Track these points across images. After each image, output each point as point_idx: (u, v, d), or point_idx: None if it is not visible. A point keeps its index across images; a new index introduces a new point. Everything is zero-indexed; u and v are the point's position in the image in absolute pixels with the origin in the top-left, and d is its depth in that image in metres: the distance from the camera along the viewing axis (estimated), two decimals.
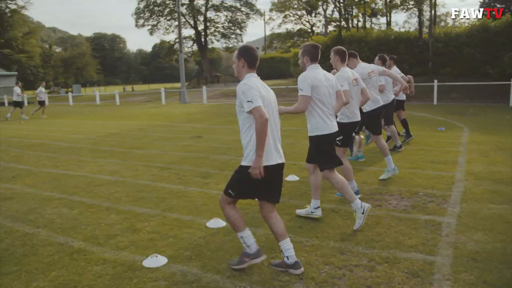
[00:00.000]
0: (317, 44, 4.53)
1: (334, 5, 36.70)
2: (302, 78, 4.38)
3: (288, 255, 3.53)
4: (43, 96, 21.74)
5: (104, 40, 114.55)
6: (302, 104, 4.37)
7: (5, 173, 7.85)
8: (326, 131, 4.48)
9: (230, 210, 3.63)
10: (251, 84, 3.39)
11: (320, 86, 4.37)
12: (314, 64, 4.49)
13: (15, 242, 4.45)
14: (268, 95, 3.53)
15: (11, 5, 57.41)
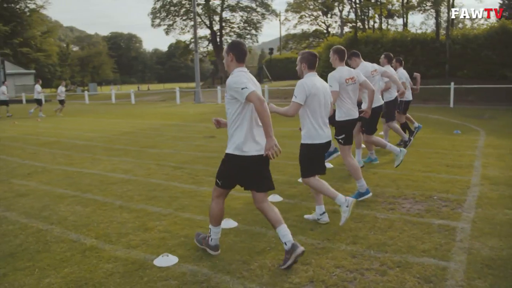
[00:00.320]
0: (315, 53, 4.59)
1: (350, 6, 36.56)
2: (300, 86, 4.41)
3: (286, 240, 3.60)
4: (63, 95, 22.06)
5: (120, 40, 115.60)
6: (292, 110, 4.42)
7: (21, 170, 7.96)
8: (317, 141, 4.52)
9: (216, 203, 3.85)
10: (241, 76, 3.52)
11: (317, 94, 4.41)
12: (312, 71, 4.53)
13: (29, 238, 4.50)
14: (257, 88, 3.58)
15: (30, 4, 58.37)
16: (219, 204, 3.85)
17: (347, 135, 5.46)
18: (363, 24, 36.08)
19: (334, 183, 6.19)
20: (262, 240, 4.21)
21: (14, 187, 6.73)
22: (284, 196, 5.71)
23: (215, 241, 3.92)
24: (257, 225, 4.66)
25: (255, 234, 4.39)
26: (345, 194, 5.64)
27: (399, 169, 7.03)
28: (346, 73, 5.36)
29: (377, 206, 5.19)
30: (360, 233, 4.34)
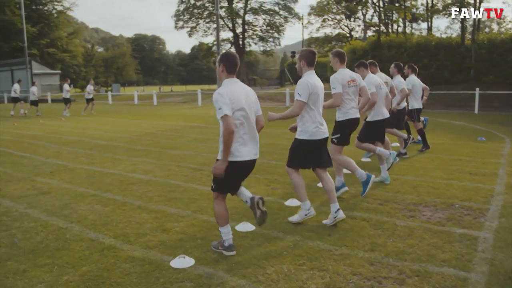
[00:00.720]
0: (313, 50, 4.75)
1: (374, 9, 36.23)
2: (303, 84, 4.51)
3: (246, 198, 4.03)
4: (92, 94, 22.44)
5: (144, 41, 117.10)
6: (298, 109, 4.52)
7: (44, 168, 8.10)
8: (313, 137, 4.64)
9: (218, 204, 4.03)
10: (222, 93, 3.67)
11: (317, 93, 4.55)
12: (311, 69, 4.67)
13: (49, 236, 4.57)
14: (247, 98, 3.82)
15: (57, 6, 59.59)
16: (220, 204, 4.04)
17: (342, 135, 5.58)
18: (387, 28, 35.72)
19: (352, 191, 6.11)
20: (279, 245, 4.19)
21: (37, 185, 6.85)
22: None
23: (228, 242, 3.99)
24: (275, 229, 4.64)
25: (272, 239, 4.36)
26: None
27: (420, 176, 6.93)
28: (348, 75, 5.45)
29: (397, 213, 5.11)
30: (378, 240, 4.28)
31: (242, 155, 3.82)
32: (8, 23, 51.96)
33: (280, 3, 53.37)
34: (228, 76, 3.85)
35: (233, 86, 3.79)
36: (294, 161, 4.78)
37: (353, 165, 5.57)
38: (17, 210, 5.52)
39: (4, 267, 3.85)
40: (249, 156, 3.87)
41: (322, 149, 4.78)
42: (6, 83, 50.54)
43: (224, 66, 3.83)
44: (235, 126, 3.69)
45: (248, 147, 3.86)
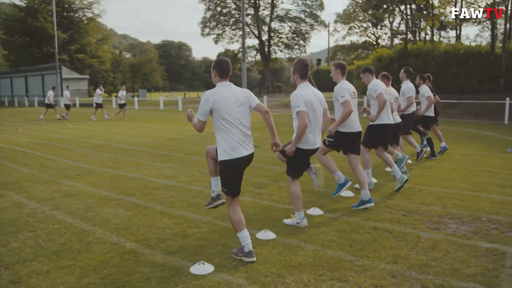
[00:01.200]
0: (306, 63, 4.90)
1: (401, 17, 35.89)
2: (295, 97, 4.70)
3: (244, 243, 4.03)
4: (124, 99, 22.83)
5: (171, 48, 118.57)
6: (303, 119, 4.61)
7: (70, 171, 8.25)
8: (306, 147, 4.81)
9: (232, 212, 4.12)
10: (208, 96, 3.99)
11: (312, 102, 4.73)
12: (304, 81, 4.84)
13: (73, 238, 4.64)
14: (237, 99, 4.05)
15: (88, 13, 60.98)
16: (234, 211, 4.13)
17: (335, 142, 5.72)
18: (414, 36, 35.31)
19: (378, 201, 6.02)
20: (299, 254, 4.15)
21: (63, 187, 6.98)
22: (326, 210, 5.61)
23: (248, 247, 4.02)
24: (295, 238, 4.60)
25: (293, 247, 4.33)
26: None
27: (446, 187, 6.78)
28: (350, 87, 5.62)
29: (421, 225, 5.00)
30: (401, 252, 4.19)
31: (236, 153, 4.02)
32: (40, 30, 53.45)
33: (306, 11, 53.42)
34: (220, 80, 4.12)
35: (223, 88, 4.06)
36: (293, 171, 4.94)
37: (333, 167, 5.64)
38: (43, 211, 5.63)
39: (28, 267, 3.92)
40: (241, 154, 4.05)
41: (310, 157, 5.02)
42: (37, 88, 52.01)
43: (217, 71, 4.12)
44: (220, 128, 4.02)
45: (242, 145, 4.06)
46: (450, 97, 24.10)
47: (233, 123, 4.00)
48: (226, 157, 4.00)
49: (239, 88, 4.20)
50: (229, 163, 4.02)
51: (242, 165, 4.12)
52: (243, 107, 4.11)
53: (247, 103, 4.15)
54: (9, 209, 5.78)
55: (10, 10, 59.30)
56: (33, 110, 35.84)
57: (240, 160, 4.05)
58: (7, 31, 57.72)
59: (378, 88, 6.36)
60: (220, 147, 4.04)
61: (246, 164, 4.17)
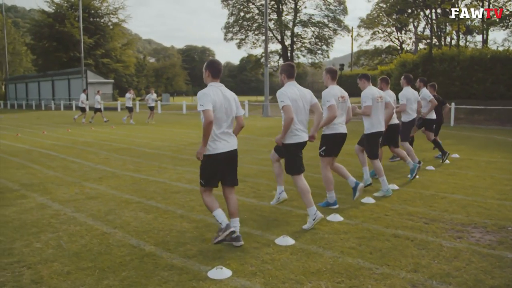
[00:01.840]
0: (292, 64, 5.22)
1: (426, 22, 35.40)
2: (280, 93, 4.99)
3: (235, 229, 4.41)
4: (153, 103, 23.14)
5: (194, 52, 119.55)
6: (289, 113, 4.86)
7: (93, 174, 8.38)
8: (295, 141, 5.07)
9: (206, 196, 4.54)
10: (206, 92, 4.27)
11: (296, 100, 4.99)
12: (291, 80, 5.14)
13: (93, 240, 4.70)
14: (226, 99, 4.36)
15: (113, 18, 62.08)
16: (208, 196, 4.55)
17: (328, 147, 5.90)
18: (439, 41, 34.79)
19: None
20: (318, 261, 4.10)
21: (85, 189, 7.09)
22: (345, 216, 5.55)
23: (224, 223, 4.39)
24: (315, 244, 4.56)
25: (312, 254, 4.28)
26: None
27: (470, 195, 6.64)
28: (338, 92, 5.81)
29: (444, 234, 4.89)
30: (422, 260, 4.10)
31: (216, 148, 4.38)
32: (67, 35, 54.62)
33: (329, 16, 53.18)
34: (213, 80, 4.41)
35: (215, 88, 4.34)
36: (291, 167, 5.16)
37: (330, 186, 5.95)
38: (65, 213, 5.72)
39: (50, 267, 3.98)
40: (223, 148, 4.39)
41: (301, 152, 5.20)
42: (63, 91, 53.11)
43: (209, 72, 4.41)
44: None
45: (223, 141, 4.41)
46: (476, 103, 23.63)
47: (219, 121, 4.32)
48: (208, 152, 4.36)
49: (228, 90, 4.52)
50: (210, 157, 4.37)
51: (222, 159, 4.41)
52: (229, 108, 4.42)
53: (233, 105, 4.48)
54: (33, 210, 5.90)
55: (39, 16, 60.85)
56: (59, 113, 36.62)
57: (221, 155, 4.37)
58: (36, 36, 59.19)
59: (367, 100, 6.62)
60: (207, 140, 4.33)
61: (227, 159, 4.45)
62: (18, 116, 32.86)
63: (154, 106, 23.18)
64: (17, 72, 73.18)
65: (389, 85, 7.86)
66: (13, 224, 5.29)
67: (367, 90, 6.71)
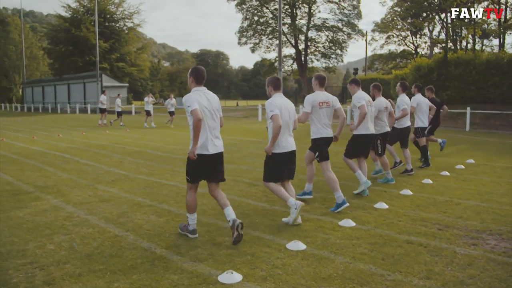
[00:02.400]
0: (279, 77, 5.59)
1: (441, 25, 35.09)
2: (269, 103, 5.31)
3: (230, 218, 4.66)
4: (173, 108, 23.32)
5: (208, 57, 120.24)
6: (276, 121, 5.16)
7: (106, 177, 8.44)
8: (281, 150, 5.35)
9: (190, 196, 4.88)
10: (190, 95, 4.62)
11: (282, 110, 5.28)
12: (278, 92, 5.46)
13: (105, 243, 4.73)
14: (210, 103, 4.70)
15: (128, 23, 62.74)
16: (192, 195, 4.88)
17: (320, 152, 6.14)
18: (455, 45, 34.46)
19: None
20: (329, 266, 4.07)
21: (98, 192, 7.14)
22: (358, 221, 5.50)
23: (192, 226, 4.84)
24: (326, 249, 4.52)
25: (323, 259, 4.25)
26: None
27: (485, 201, 6.53)
28: (322, 97, 6.06)
29: (458, 240, 4.82)
30: (435, 267, 4.04)
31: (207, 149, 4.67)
32: (83, 39, 55.34)
33: (343, 20, 52.97)
34: (196, 85, 4.75)
35: (198, 93, 4.68)
36: (269, 175, 5.46)
37: (336, 186, 6.05)
38: (78, 215, 5.77)
39: (62, 269, 4.01)
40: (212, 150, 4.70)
41: (291, 161, 5.50)
42: (79, 95, 53.75)
43: (193, 78, 4.75)
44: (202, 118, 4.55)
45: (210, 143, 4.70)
46: (491, 107, 23.31)
47: (206, 124, 4.64)
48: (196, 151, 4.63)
49: (212, 93, 4.86)
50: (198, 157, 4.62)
51: (209, 160, 4.70)
52: (213, 110, 4.75)
53: (217, 107, 4.82)
54: (47, 212, 5.95)
55: (55, 21, 61.77)
56: (75, 116, 37.02)
57: (209, 156, 4.68)
58: (52, 40, 60.07)
59: (361, 100, 6.80)
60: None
61: (214, 159, 4.75)
62: (35, 119, 33.31)
63: (174, 111, 23.35)
64: (34, 76, 74.40)
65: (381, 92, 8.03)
66: (27, 225, 5.35)
67: (357, 93, 6.94)
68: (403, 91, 8.71)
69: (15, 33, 71.73)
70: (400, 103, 8.64)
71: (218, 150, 4.78)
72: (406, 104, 8.62)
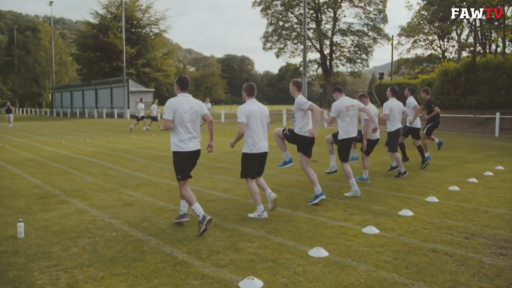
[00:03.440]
0: (253, 84, 6.16)
1: (470, 29, 34.38)
2: (240, 110, 5.90)
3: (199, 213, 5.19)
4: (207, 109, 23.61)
5: (233, 62, 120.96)
6: (241, 128, 5.87)
7: (131, 181, 8.54)
8: (253, 151, 5.99)
9: (185, 190, 5.39)
10: (172, 102, 5.32)
11: (254, 115, 5.88)
12: (251, 98, 6.03)
13: (128, 247, 4.77)
14: (190, 108, 5.35)
15: (154, 29, 63.63)
16: (186, 189, 5.40)
17: (299, 146, 6.78)
18: (484, 49, 33.70)
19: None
20: (351, 274, 4.01)
21: (123, 196, 7.24)
22: (381, 229, 5.41)
23: (201, 215, 5.16)
24: (349, 257, 4.46)
25: (345, 267, 4.19)
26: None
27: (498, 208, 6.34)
28: (303, 102, 6.57)
29: (485, 250, 4.68)
30: (461, 278, 3.93)
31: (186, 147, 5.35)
32: (110, 45, 56.39)
33: (369, 24, 52.52)
34: (181, 92, 5.44)
35: (181, 98, 5.37)
36: (245, 172, 6.12)
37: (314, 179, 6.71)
38: (102, 219, 5.85)
39: (85, 272, 4.07)
40: (188, 149, 5.36)
41: (262, 162, 6.14)
42: (106, 100, 54.71)
43: (178, 85, 5.45)
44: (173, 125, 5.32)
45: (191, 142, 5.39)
46: None
47: (186, 125, 5.30)
48: (176, 149, 5.37)
49: (195, 99, 5.52)
50: (178, 154, 5.36)
51: (188, 156, 5.38)
52: (195, 114, 5.40)
53: (199, 112, 5.44)
54: (72, 215, 6.06)
55: (84, 27, 63.16)
56: (101, 121, 37.70)
57: (187, 153, 5.34)
58: (81, 47, 61.42)
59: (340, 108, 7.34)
60: (172, 141, 5.40)
61: (192, 156, 5.45)
62: (63, 124, 34.07)
63: None
64: (63, 81, 76.22)
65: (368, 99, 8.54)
66: (53, 228, 5.46)
67: (337, 101, 7.44)
68: (392, 95, 9.17)
69: (46, 40, 73.83)
70: (384, 107, 9.17)
71: (195, 148, 5.46)
72: (388, 108, 9.05)
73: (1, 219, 5.91)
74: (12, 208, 6.51)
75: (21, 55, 75.17)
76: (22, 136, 21.07)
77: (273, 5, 52.68)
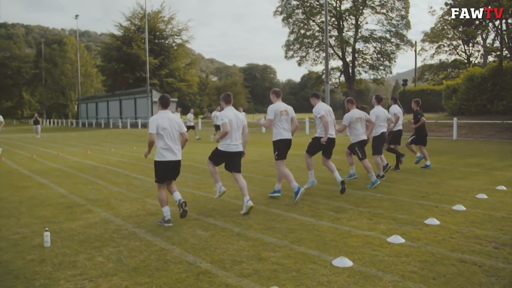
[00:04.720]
0: (230, 94, 7.15)
1: (496, 33, 33.72)
2: (221, 115, 6.78)
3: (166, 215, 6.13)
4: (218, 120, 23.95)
5: (256, 70, 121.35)
6: (225, 128, 6.65)
7: (155, 191, 8.57)
8: (228, 150, 6.83)
9: (161, 193, 6.20)
10: (155, 118, 6.11)
11: (231, 120, 6.73)
12: (229, 105, 6.95)
13: (151, 256, 4.80)
14: (171, 122, 6.14)
15: (177, 39, 64.38)
16: (162, 192, 6.21)
17: (279, 152, 7.59)
18: (510, 53, 32.97)
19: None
20: (377, 285, 3.93)
21: (146, 205, 7.30)
22: (407, 238, 5.30)
23: (167, 217, 6.08)
24: (374, 267, 4.38)
25: (370, 277, 4.11)
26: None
27: None
28: (282, 107, 7.51)
29: None
30: None
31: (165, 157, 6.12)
32: (134, 56, 57.26)
33: (391, 30, 52.04)
34: (161, 109, 6.22)
35: (162, 115, 6.12)
36: (214, 159, 7.06)
37: (290, 178, 7.47)
38: (126, 228, 5.90)
39: (109, 281, 4.10)
40: (170, 158, 6.13)
41: (234, 159, 6.92)
42: (130, 110, 55.53)
43: (160, 103, 6.25)
44: (156, 138, 6.09)
45: (169, 152, 6.11)
46: None
47: (166, 138, 6.06)
48: (159, 159, 6.12)
49: (175, 116, 6.28)
50: (160, 163, 6.13)
51: (168, 165, 6.14)
52: (175, 129, 6.17)
53: (178, 127, 6.20)
54: (97, 224, 6.14)
55: (108, 39, 64.40)
56: (126, 131, 38.24)
57: (167, 163, 6.11)
58: (105, 58, 62.56)
59: (320, 111, 8.02)
60: (157, 151, 6.13)
61: (172, 166, 6.21)
62: (88, 134, 34.70)
63: None
64: (88, 92, 77.83)
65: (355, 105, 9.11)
66: (78, 237, 5.53)
67: (317, 106, 8.13)
68: (377, 103, 9.87)
69: (71, 52, 75.66)
70: (371, 114, 9.64)
71: (175, 158, 6.18)
72: (375, 115, 9.65)
73: (28, 228, 6.02)
74: (39, 217, 6.64)
75: (48, 67, 77.17)
76: (49, 146, 21.54)
77: (294, 14, 52.74)
